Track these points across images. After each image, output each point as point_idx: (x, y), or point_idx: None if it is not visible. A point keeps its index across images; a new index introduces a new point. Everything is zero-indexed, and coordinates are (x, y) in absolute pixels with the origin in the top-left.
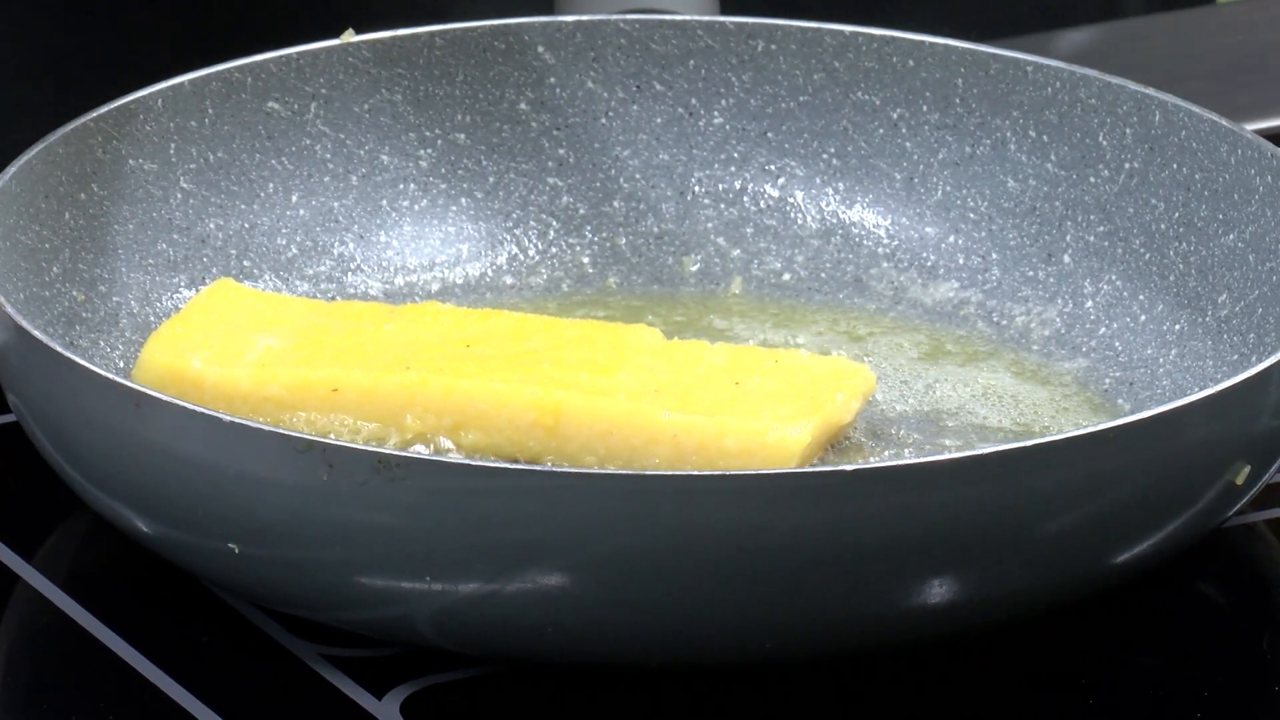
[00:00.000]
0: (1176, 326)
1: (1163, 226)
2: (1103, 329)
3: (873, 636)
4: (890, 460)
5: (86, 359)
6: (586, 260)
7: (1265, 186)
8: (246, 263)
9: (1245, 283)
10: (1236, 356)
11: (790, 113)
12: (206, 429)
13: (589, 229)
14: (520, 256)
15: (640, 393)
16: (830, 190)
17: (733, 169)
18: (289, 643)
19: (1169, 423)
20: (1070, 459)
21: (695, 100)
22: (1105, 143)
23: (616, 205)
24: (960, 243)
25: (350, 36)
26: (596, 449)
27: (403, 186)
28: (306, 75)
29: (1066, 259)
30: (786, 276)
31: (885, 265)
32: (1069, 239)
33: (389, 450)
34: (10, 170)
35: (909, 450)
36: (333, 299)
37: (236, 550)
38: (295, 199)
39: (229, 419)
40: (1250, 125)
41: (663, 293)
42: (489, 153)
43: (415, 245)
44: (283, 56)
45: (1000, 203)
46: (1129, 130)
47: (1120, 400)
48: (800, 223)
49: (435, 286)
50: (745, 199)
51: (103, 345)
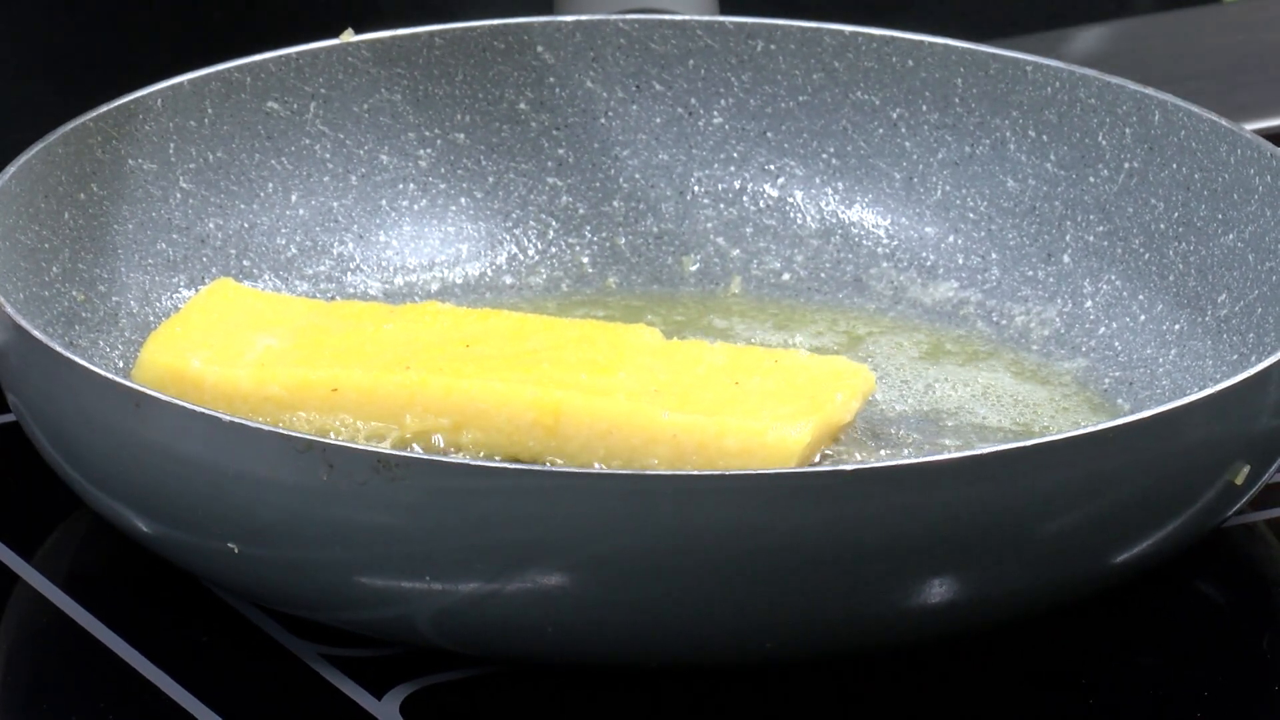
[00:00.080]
0: (1176, 326)
1: (1162, 226)
2: (1102, 329)
3: (873, 636)
4: (890, 460)
5: (86, 359)
6: (586, 260)
7: (1265, 186)
8: (246, 262)
9: (1245, 283)
10: (1236, 356)
11: (790, 112)
12: (206, 429)
13: (589, 229)
14: (520, 256)
15: (640, 393)
16: (830, 190)
17: (732, 169)
18: (289, 643)
19: (1169, 423)
20: (1070, 459)
21: (695, 100)
22: (1105, 142)
23: (616, 205)
24: (960, 242)
25: (350, 36)
26: (596, 449)
27: (402, 186)
28: (306, 75)
29: (1066, 259)
30: (786, 276)
31: (885, 265)
32: (1069, 239)
33: (389, 450)
34: (10, 170)
35: (909, 450)
36: (332, 299)
37: (236, 550)
38: (295, 199)
39: (229, 419)
40: (1250, 125)
41: (662, 293)
42: (489, 152)
43: (415, 245)
44: (282, 56)
45: (1000, 202)
46: (1128, 130)
47: (1120, 400)
48: (800, 222)
49: (435, 286)
50: (745, 199)
51: (103, 345)
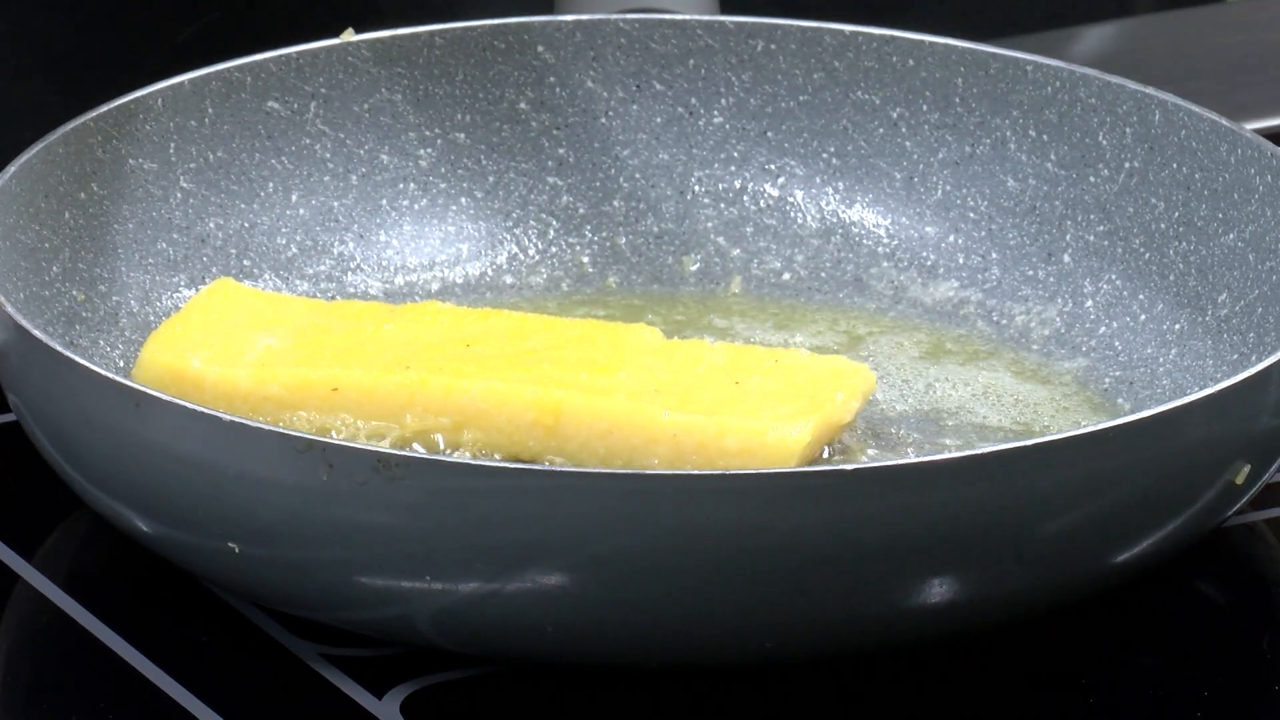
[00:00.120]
0: (1176, 326)
1: (1162, 226)
2: (1103, 328)
3: (873, 636)
4: (890, 460)
5: (86, 359)
6: (586, 260)
7: (1265, 186)
8: (246, 262)
9: (1245, 282)
10: (1236, 356)
11: (790, 112)
12: (206, 429)
13: (589, 228)
14: (520, 256)
15: (640, 392)
16: (830, 190)
17: (732, 168)
18: (289, 642)
19: (1169, 422)
20: (1070, 459)
21: (695, 100)
22: (1105, 142)
23: (616, 205)
24: (960, 242)
25: (350, 36)
26: (596, 449)
27: (402, 186)
28: (306, 75)
29: (1066, 258)
30: (786, 276)
31: (885, 265)
32: (1069, 238)
33: (389, 450)
34: (10, 170)
35: (909, 450)
36: (333, 298)
37: (236, 550)
38: (295, 198)
39: (229, 419)
40: (1250, 125)
41: (663, 292)
42: (489, 152)
43: (415, 245)
44: (282, 56)
45: (1000, 202)
46: (1129, 130)
47: (1120, 400)
48: (800, 222)
49: (435, 286)
50: (745, 198)
51: (103, 345)
